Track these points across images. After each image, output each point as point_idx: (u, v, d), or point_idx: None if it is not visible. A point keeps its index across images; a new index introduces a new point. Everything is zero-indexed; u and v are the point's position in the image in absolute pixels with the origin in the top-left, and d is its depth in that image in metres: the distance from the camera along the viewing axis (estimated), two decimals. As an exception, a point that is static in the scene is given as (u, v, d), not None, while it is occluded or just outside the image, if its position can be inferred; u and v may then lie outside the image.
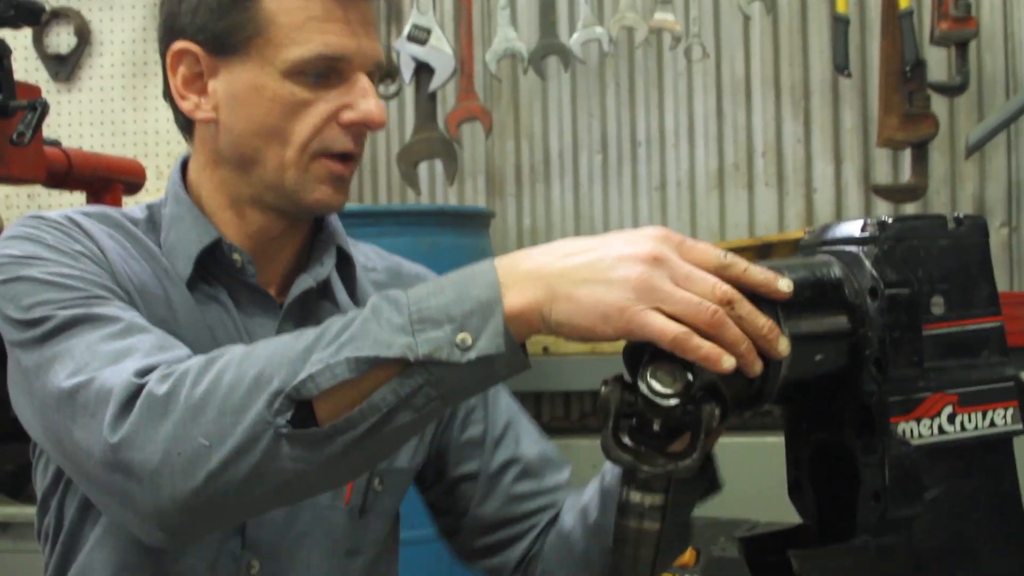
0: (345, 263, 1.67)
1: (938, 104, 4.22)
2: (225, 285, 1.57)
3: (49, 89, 4.87)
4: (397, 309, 1.19)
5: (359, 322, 1.20)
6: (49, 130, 3.39)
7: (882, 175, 4.49)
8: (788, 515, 1.31)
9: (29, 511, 1.84)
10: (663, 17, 4.47)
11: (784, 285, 1.12)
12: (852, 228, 1.20)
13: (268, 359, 1.22)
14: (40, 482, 1.61)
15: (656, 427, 1.10)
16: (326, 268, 1.62)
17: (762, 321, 1.11)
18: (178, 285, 1.54)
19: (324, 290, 1.63)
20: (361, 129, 1.54)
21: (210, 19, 1.51)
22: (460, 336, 1.16)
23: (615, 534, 1.13)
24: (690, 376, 1.08)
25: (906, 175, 4.34)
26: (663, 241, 1.17)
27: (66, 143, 3.58)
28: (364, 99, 1.51)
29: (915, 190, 4.21)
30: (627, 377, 1.12)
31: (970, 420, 1.17)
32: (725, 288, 1.12)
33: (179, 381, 1.24)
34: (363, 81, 1.52)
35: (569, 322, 1.15)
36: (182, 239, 1.56)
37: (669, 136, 4.76)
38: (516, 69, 4.72)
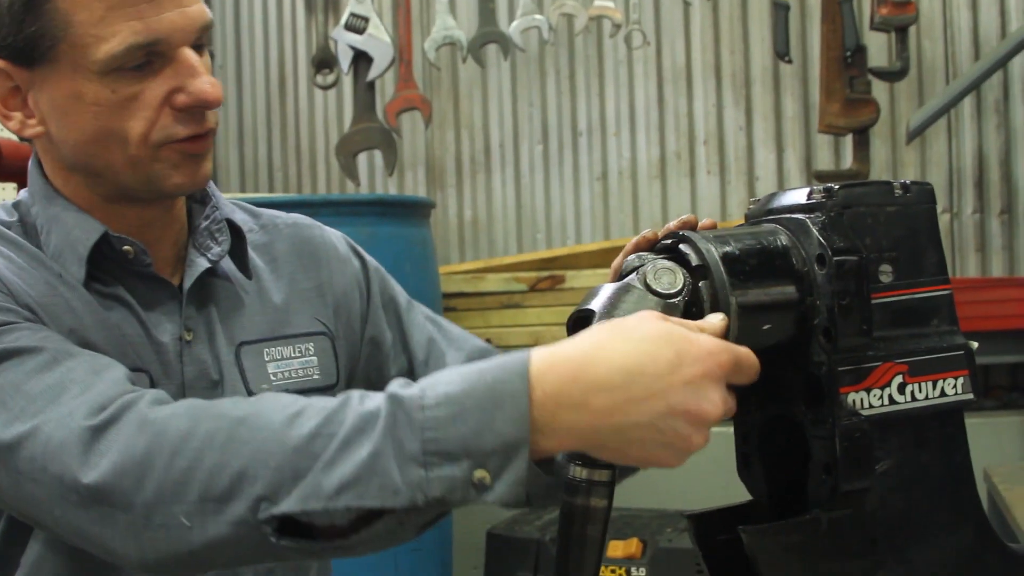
0: (235, 236, 1.58)
1: (879, 90, 4.23)
2: (120, 280, 1.49)
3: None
4: (411, 430, 1.06)
5: (373, 444, 1.07)
6: (-21, 122, 3.31)
7: (824, 162, 4.50)
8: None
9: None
10: (603, 4, 4.46)
11: None
12: (799, 196, 1.17)
13: (253, 453, 1.12)
14: None
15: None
16: (222, 247, 1.55)
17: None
18: (75, 288, 1.45)
19: (216, 268, 1.56)
20: (199, 110, 1.43)
21: (7, 32, 1.38)
22: (477, 474, 1.04)
23: (561, 512, 1.10)
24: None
25: (848, 161, 4.35)
26: (696, 378, 1.06)
27: (-6, 133, 3.50)
28: (193, 78, 1.40)
29: (857, 176, 4.21)
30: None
31: (920, 390, 1.14)
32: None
33: (158, 439, 1.16)
34: (188, 57, 1.40)
35: (613, 462, 1.10)
36: (67, 240, 1.47)
37: (610, 125, 4.75)
38: (455, 58, 4.70)
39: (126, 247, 1.47)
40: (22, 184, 3.54)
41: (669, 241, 1.17)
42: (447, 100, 4.87)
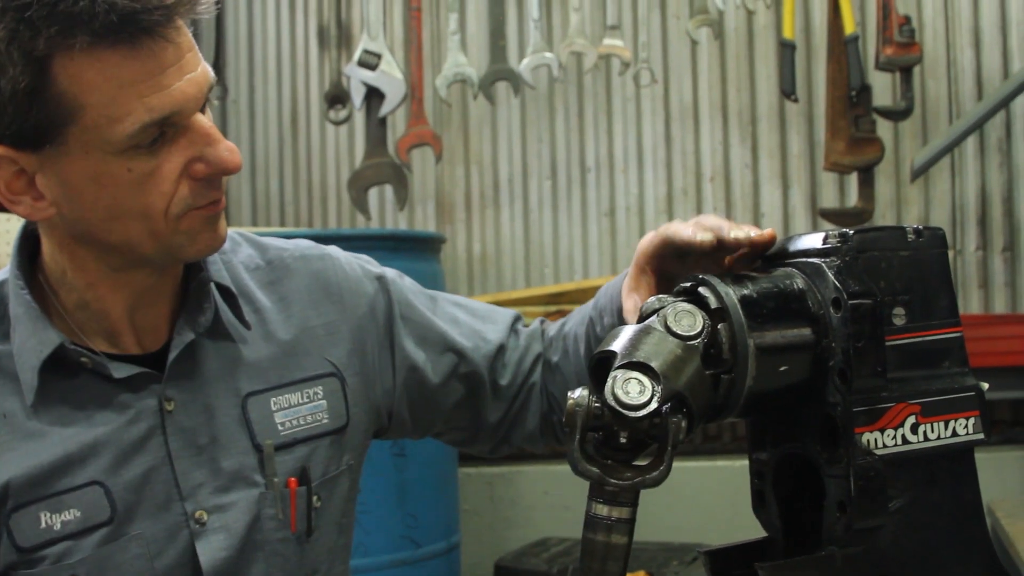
0: (226, 295, 1.57)
1: (883, 129, 4.27)
2: (95, 374, 1.48)
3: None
4: None
5: None
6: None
7: (829, 199, 4.53)
8: (740, 538, 1.30)
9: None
10: (612, 43, 4.50)
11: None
12: (814, 240, 1.20)
13: None
14: None
15: (623, 440, 1.10)
16: (208, 315, 1.54)
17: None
18: (21, 426, 1.44)
19: (214, 327, 1.55)
20: (217, 178, 1.41)
21: (11, 121, 1.33)
22: None
23: (582, 548, 1.12)
24: (657, 386, 1.08)
25: (853, 199, 4.39)
26: None
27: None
28: (211, 147, 1.38)
29: (861, 214, 4.25)
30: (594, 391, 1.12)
31: (932, 430, 1.17)
32: None
33: None
34: (202, 124, 1.38)
35: None
36: (24, 346, 1.45)
37: (618, 161, 4.79)
38: (466, 94, 4.74)
39: (83, 359, 1.46)
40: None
41: (688, 284, 1.20)
42: (457, 136, 4.91)
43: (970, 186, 4.42)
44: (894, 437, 1.15)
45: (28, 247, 1.51)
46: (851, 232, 1.17)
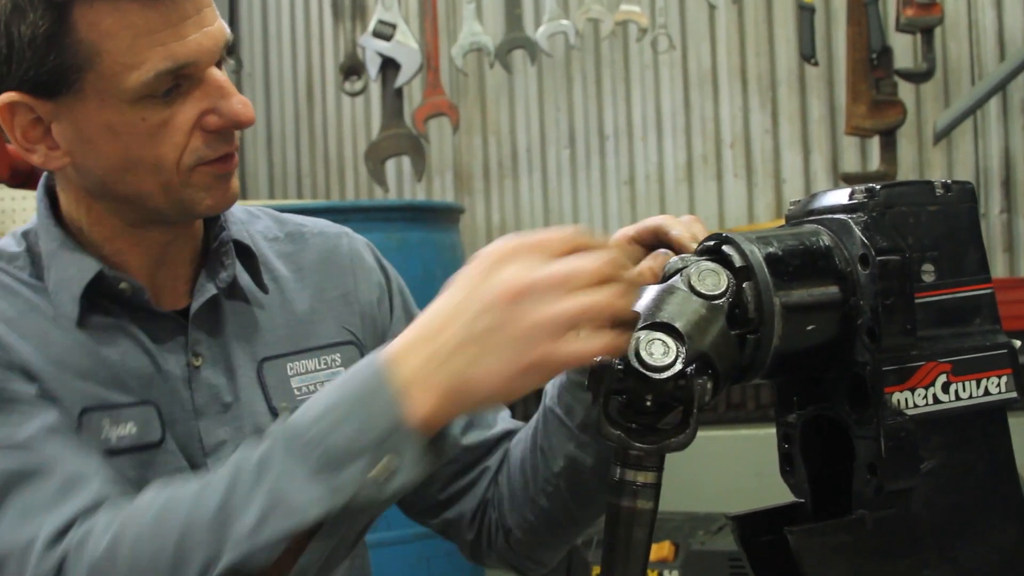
0: (245, 255, 1.57)
1: (905, 92, 4.23)
2: (125, 312, 1.48)
3: (9, 92, 4.81)
4: (302, 452, 1.13)
5: (271, 480, 1.15)
6: (9, 132, 3.33)
7: (851, 163, 4.50)
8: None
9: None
10: (629, 9, 4.47)
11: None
12: (840, 196, 1.17)
13: (183, 528, 1.18)
14: None
15: (648, 403, 1.07)
16: (229, 271, 1.54)
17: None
18: (70, 332, 1.44)
19: (232, 288, 1.55)
20: (230, 131, 1.42)
21: (29, 67, 1.34)
22: (376, 470, 1.11)
23: (608, 514, 1.10)
24: (682, 347, 1.06)
25: (875, 163, 4.35)
26: (501, 265, 1.10)
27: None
28: (224, 99, 1.39)
29: (884, 177, 4.22)
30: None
31: (964, 389, 1.14)
32: (598, 264, 1.09)
33: (96, 566, 1.21)
34: (217, 77, 1.39)
35: (493, 403, 1.13)
36: (62, 277, 1.45)
37: (637, 129, 4.76)
38: (482, 63, 4.71)
39: (122, 285, 1.46)
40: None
41: (712, 243, 1.18)
42: (474, 106, 4.88)
43: (993, 148, 4.38)
44: (925, 396, 1.12)
45: (48, 202, 1.51)
46: (878, 187, 1.14)
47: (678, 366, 1.05)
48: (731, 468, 4.25)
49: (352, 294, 1.64)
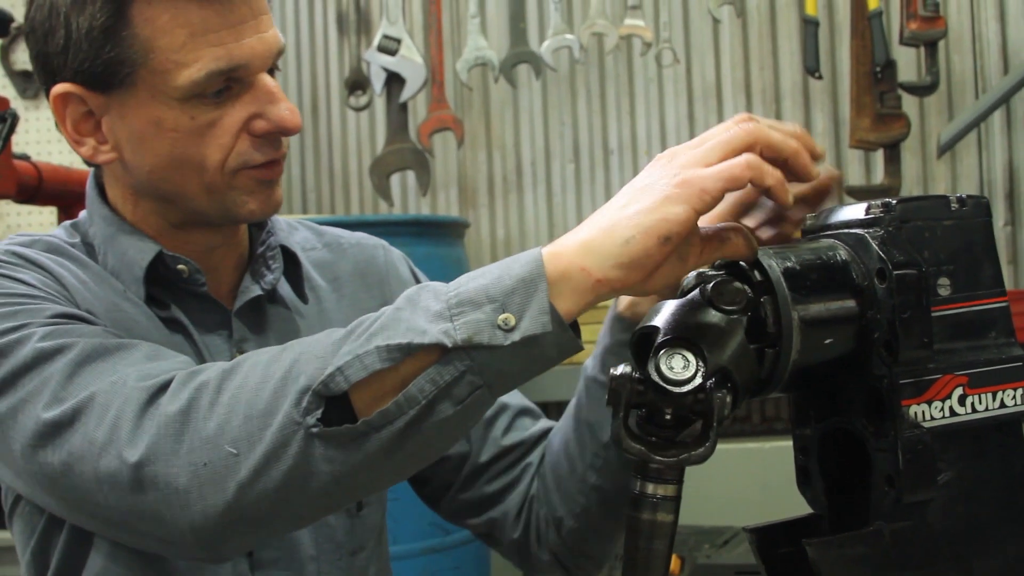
0: (290, 262, 1.60)
1: (909, 105, 4.24)
2: (176, 302, 1.50)
3: (16, 106, 4.82)
4: (435, 296, 1.12)
5: (391, 310, 1.13)
6: (16, 148, 3.34)
7: (855, 177, 4.50)
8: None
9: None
10: (633, 23, 4.48)
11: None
12: (856, 211, 1.18)
13: (295, 358, 1.15)
14: (20, 534, 1.52)
15: (667, 416, 1.08)
16: (275, 274, 1.56)
17: (783, 143, 1.13)
18: (139, 306, 1.47)
19: (272, 294, 1.57)
20: (277, 137, 1.45)
21: (85, 58, 1.38)
22: (502, 317, 1.08)
23: (627, 527, 1.11)
24: (702, 361, 1.07)
25: (879, 176, 4.36)
26: (665, 155, 1.15)
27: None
28: (273, 104, 1.41)
29: (888, 191, 4.22)
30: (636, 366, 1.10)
31: (980, 401, 1.15)
32: (738, 131, 1.12)
33: (200, 388, 1.17)
34: (267, 83, 1.41)
35: (628, 264, 1.10)
36: (123, 260, 1.48)
37: (641, 143, 4.76)
38: (487, 78, 4.72)
39: (180, 266, 1.48)
40: (62, 207, 3.59)
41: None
42: (479, 120, 4.89)
43: (997, 161, 4.38)
44: (942, 409, 1.13)
45: (97, 193, 1.54)
46: (894, 202, 1.15)
47: (698, 380, 1.06)
48: (736, 481, 4.24)
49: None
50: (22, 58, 5.01)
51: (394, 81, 4.49)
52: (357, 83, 4.76)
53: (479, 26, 4.57)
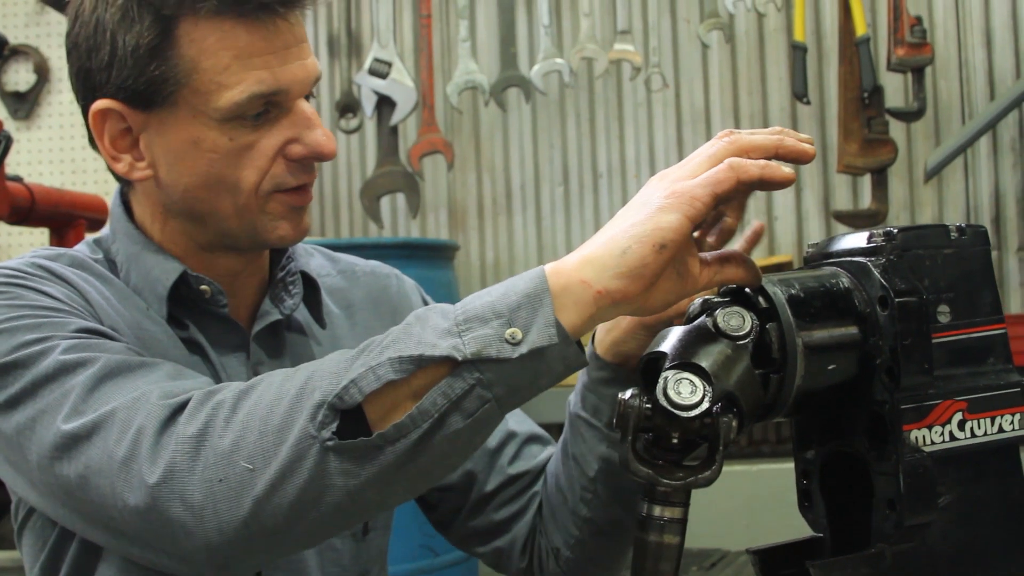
0: (310, 287, 1.61)
1: (896, 130, 4.28)
2: (194, 321, 1.51)
3: (8, 127, 4.83)
4: (443, 315, 1.15)
5: (401, 327, 1.16)
6: (8, 169, 3.34)
7: (842, 202, 4.54)
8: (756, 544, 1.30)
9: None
10: (623, 48, 4.51)
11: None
12: (858, 240, 1.20)
13: (309, 375, 1.17)
14: (30, 548, 1.51)
15: (674, 440, 1.10)
16: (295, 299, 1.57)
17: (765, 140, 1.18)
18: (161, 324, 1.47)
19: (289, 319, 1.58)
20: (311, 162, 1.46)
21: (128, 75, 1.39)
22: (509, 331, 1.11)
23: (635, 548, 1.13)
24: (708, 386, 1.08)
25: (866, 201, 4.39)
26: (657, 176, 1.20)
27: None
28: (310, 130, 1.42)
29: (875, 215, 4.25)
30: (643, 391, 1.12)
31: (979, 426, 1.17)
32: (721, 143, 1.18)
33: (217, 407, 1.18)
34: (305, 109, 1.43)
35: (626, 273, 1.13)
36: (146, 279, 1.49)
37: (630, 167, 4.79)
38: (477, 101, 4.74)
39: (203, 286, 1.49)
40: (54, 230, 3.59)
41: (735, 285, 1.21)
42: (469, 143, 4.92)
43: (984, 186, 4.43)
44: (942, 434, 1.15)
45: (123, 211, 1.55)
46: (895, 231, 1.18)
47: (705, 405, 1.08)
48: (724, 504, 4.26)
49: None
50: (13, 79, 5.03)
51: (385, 104, 4.51)
52: (348, 106, 4.78)
53: (470, 50, 4.60)
